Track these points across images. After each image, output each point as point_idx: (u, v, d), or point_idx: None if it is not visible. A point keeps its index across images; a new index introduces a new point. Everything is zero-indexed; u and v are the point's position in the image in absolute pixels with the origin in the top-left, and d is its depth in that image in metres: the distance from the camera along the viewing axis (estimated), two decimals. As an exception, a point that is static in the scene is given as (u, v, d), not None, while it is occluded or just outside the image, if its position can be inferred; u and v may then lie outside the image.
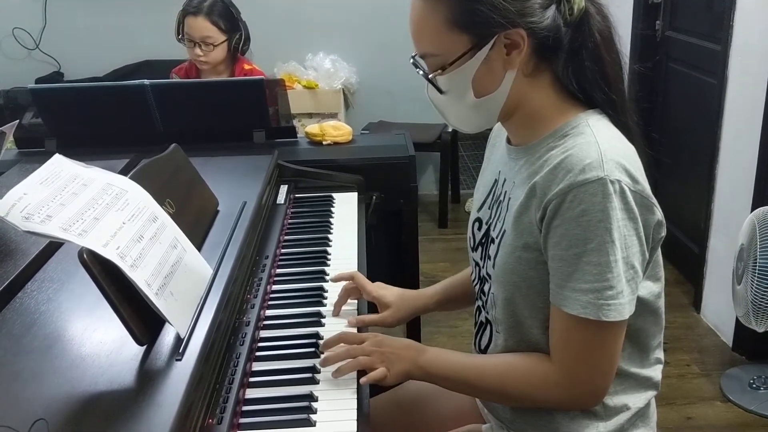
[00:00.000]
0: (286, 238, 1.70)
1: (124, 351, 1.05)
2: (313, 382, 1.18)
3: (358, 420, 1.10)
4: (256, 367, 1.22)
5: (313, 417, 1.10)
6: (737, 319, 2.50)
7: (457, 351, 1.26)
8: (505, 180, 1.22)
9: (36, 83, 3.72)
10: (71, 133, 2.10)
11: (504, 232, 1.17)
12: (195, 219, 1.44)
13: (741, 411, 2.45)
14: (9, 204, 1.01)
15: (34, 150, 2.12)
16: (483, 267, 1.26)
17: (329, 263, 1.59)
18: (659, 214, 1.10)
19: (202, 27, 2.65)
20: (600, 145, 1.06)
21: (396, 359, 1.20)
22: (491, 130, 1.34)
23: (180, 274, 1.15)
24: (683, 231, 3.23)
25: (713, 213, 2.88)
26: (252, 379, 1.19)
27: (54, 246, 1.33)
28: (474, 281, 1.33)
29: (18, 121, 1.75)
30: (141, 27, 3.96)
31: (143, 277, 1.05)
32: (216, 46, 2.67)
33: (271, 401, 1.14)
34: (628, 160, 1.07)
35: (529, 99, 1.14)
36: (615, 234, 1.03)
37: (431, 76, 1.14)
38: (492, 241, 1.22)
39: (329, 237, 1.71)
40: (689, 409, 2.46)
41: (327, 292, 1.47)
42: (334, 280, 1.48)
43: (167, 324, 1.09)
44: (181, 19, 2.68)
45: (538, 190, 1.09)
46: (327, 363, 1.20)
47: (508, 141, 1.24)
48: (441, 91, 1.15)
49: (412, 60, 1.17)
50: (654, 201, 1.09)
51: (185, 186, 1.49)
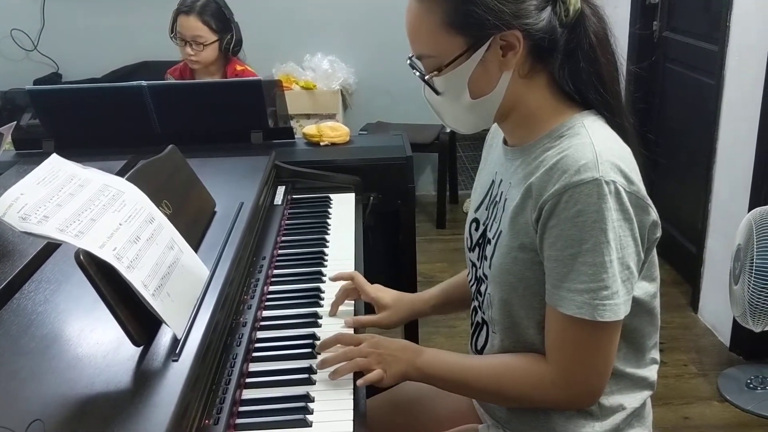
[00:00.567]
0: (283, 239, 1.70)
1: (120, 352, 1.05)
2: (310, 382, 1.18)
3: (354, 420, 1.10)
4: (252, 368, 1.22)
5: (310, 417, 1.10)
6: (734, 319, 2.50)
7: (454, 352, 1.26)
8: (502, 181, 1.22)
9: (34, 84, 3.72)
10: (69, 135, 2.10)
11: (500, 232, 1.18)
12: (192, 220, 1.44)
13: (738, 411, 2.45)
14: (6, 204, 1.01)
15: (31, 151, 2.12)
16: (480, 268, 1.27)
17: (326, 264, 1.59)
18: (654, 214, 1.10)
19: (193, 26, 2.66)
20: (595, 146, 1.06)
21: (393, 361, 1.20)
22: (488, 130, 1.35)
23: (177, 275, 1.15)
24: (681, 231, 3.23)
25: (710, 213, 2.88)
26: (249, 380, 1.19)
27: (51, 247, 1.33)
28: (471, 282, 1.33)
29: (16, 123, 1.75)
30: (139, 28, 3.96)
31: (140, 278, 1.05)
32: (206, 45, 2.68)
33: (268, 402, 1.14)
34: (623, 160, 1.07)
35: (525, 100, 1.14)
36: (610, 234, 1.03)
37: (427, 77, 1.14)
38: (488, 242, 1.22)
39: (326, 238, 1.71)
40: (686, 409, 2.46)
41: (324, 293, 1.47)
42: (333, 279, 1.48)
43: (164, 325, 1.09)
44: (175, 18, 2.69)
45: (533, 190, 1.09)
46: (324, 365, 1.20)
47: (504, 142, 1.24)
48: (437, 92, 1.15)
49: (408, 61, 1.18)
50: (649, 202, 1.09)
51: (182, 187, 1.49)
